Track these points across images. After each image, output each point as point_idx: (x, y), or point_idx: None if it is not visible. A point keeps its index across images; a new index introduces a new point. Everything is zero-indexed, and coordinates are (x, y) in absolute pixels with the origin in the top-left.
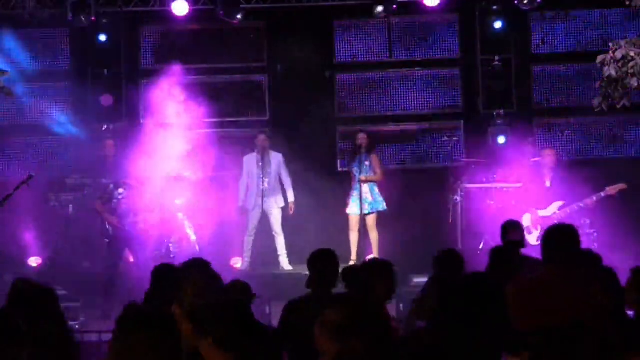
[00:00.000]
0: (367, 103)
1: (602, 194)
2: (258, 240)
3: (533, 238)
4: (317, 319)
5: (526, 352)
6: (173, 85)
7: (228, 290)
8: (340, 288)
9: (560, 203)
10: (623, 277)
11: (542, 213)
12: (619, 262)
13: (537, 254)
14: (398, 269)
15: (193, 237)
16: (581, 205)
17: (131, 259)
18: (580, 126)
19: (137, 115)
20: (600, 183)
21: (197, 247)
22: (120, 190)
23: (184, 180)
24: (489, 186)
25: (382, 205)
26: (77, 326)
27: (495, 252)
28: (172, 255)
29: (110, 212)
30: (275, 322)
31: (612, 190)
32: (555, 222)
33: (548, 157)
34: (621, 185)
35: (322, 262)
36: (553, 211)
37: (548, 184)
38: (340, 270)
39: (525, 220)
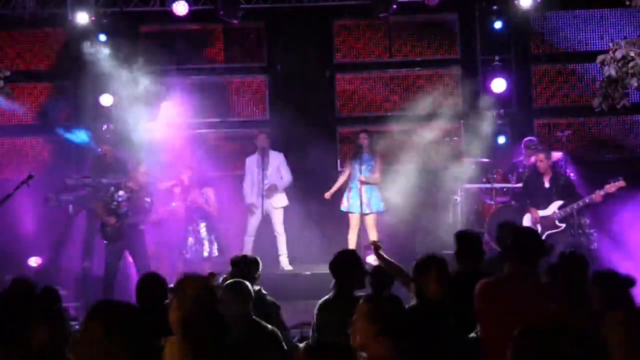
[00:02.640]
0: (367, 103)
1: (602, 192)
2: (258, 240)
3: None
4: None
5: None
6: (173, 85)
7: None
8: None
9: (559, 202)
10: None
11: (542, 213)
12: (619, 262)
13: None
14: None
15: (206, 242)
16: (580, 204)
17: (130, 260)
18: (580, 126)
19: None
20: (601, 183)
21: (212, 248)
22: (121, 193)
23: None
24: (489, 186)
25: (382, 206)
26: (77, 326)
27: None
28: (196, 258)
29: (109, 214)
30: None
31: (611, 188)
32: (556, 221)
33: (539, 162)
34: (620, 183)
35: (345, 265)
36: (553, 210)
37: (546, 184)
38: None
39: (526, 221)
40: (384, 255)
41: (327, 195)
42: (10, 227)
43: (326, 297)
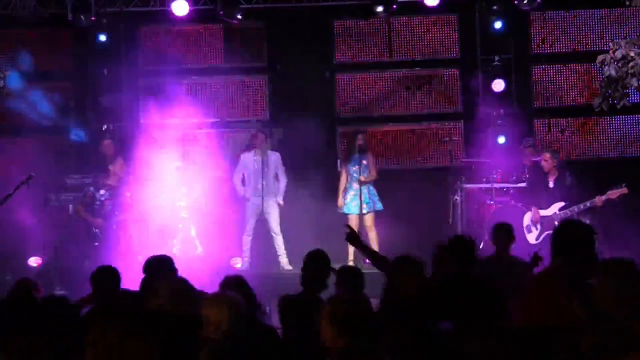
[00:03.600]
0: (367, 103)
1: (604, 197)
2: (258, 240)
3: (532, 237)
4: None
5: None
6: (172, 85)
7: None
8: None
9: (561, 204)
10: None
11: (543, 213)
12: None
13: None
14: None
15: (196, 241)
16: (581, 207)
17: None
18: (580, 126)
19: (137, 115)
20: (600, 183)
21: (200, 249)
22: (102, 192)
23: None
24: (489, 186)
25: (380, 205)
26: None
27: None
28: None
29: (94, 215)
30: (275, 321)
31: (613, 194)
32: (556, 222)
33: (544, 161)
34: (623, 190)
35: (316, 262)
36: (554, 211)
37: (551, 184)
38: (338, 269)
39: (526, 219)
40: (363, 244)
41: (340, 203)
42: (10, 227)
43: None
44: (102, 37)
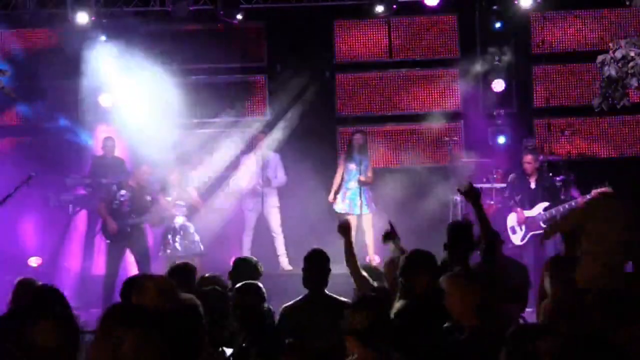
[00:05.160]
0: (367, 103)
1: (588, 197)
2: (258, 240)
3: (517, 238)
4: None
5: None
6: (172, 85)
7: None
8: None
9: (545, 204)
10: None
11: (527, 213)
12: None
13: (520, 254)
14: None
15: (197, 237)
16: (566, 207)
17: (132, 259)
18: (580, 126)
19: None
20: (600, 184)
21: (202, 247)
22: (123, 192)
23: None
24: (489, 186)
25: (374, 206)
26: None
27: None
28: (179, 254)
29: (113, 214)
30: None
31: (596, 194)
32: (540, 222)
33: (526, 163)
34: (606, 190)
35: (318, 261)
36: (538, 212)
37: (532, 185)
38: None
39: (511, 220)
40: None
41: (331, 198)
42: (10, 227)
43: (294, 301)
44: (102, 37)
